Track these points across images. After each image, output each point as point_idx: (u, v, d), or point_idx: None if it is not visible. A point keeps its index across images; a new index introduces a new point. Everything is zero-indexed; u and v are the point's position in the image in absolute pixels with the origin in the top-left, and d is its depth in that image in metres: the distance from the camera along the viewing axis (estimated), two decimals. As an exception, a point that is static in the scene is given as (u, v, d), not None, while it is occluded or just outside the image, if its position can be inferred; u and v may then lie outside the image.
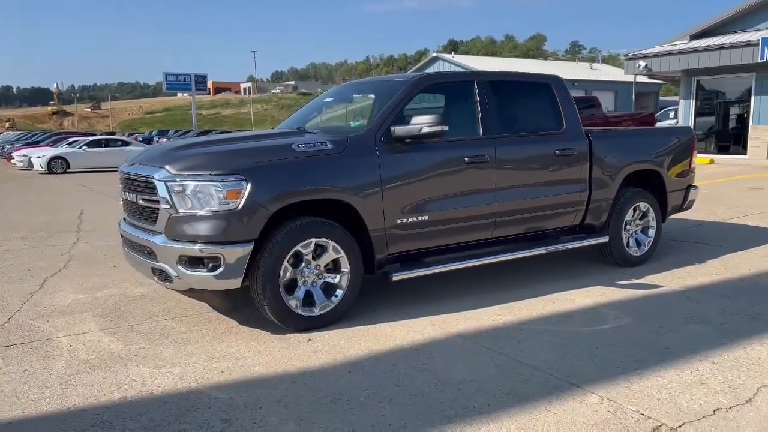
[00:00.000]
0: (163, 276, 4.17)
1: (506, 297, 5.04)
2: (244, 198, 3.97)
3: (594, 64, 53.07)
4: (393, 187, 4.52)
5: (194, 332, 4.32)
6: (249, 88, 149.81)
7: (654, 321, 4.45)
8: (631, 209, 6.06)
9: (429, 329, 4.32)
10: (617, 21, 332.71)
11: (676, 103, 37.89)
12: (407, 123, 4.58)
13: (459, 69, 44.48)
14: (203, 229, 4.00)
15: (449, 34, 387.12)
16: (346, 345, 4.03)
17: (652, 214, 6.25)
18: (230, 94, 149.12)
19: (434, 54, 49.76)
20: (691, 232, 7.76)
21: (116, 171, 5.10)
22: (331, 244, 4.31)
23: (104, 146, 24.84)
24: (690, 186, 6.66)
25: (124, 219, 4.88)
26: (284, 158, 4.22)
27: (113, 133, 55.53)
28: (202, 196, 3.99)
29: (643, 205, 6.16)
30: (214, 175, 3.98)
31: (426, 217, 4.71)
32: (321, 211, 4.36)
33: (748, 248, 6.80)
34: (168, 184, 4.05)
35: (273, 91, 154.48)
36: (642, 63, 18.67)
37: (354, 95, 5.71)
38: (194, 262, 4.03)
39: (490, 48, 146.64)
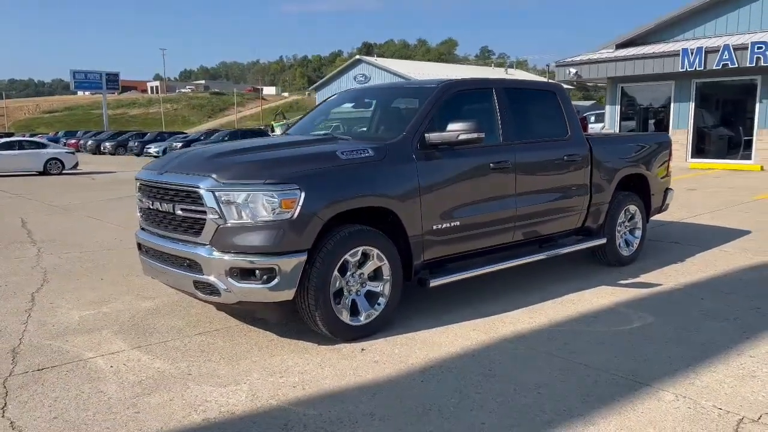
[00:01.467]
0: (209, 289, 3.99)
1: (525, 300, 5.17)
2: (299, 207, 3.87)
3: (509, 69, 55.06)
4: (430, 193, 4.54)
5: (237, 347, 4.16)
6: (156, 87, 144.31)
7: (674, 319, 4.70)
8: (623, 212, 6.38)
9: (473, 334, 4.37)
10: (522, 28, 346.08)
11: (589, 108, 40.00)
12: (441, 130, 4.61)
13: (384, 72, 44.90)
14: (257, 239, 3.86)
15: (363, 36, 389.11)
16: (402, 353, 4.02)
17: (639, 216, 6.61)
18: (136, 93, 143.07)
19: (357, 57, 49.78)
20: (657, 232, 8.24)
21: (32, 176, 4.81)
22: (375, 251, 4.27)
23: (17, 149, 23.15)
24: (668, 188, 7.09)
25: (144, 229, 4.63)
26: (331, 166, 4.15)
27: (12, 134, 51.93)
28: (254, 206, 3.85)
29: (632, 208, 6.50)
30: (269, 184, 3.85)
31: (458, 223, 4.76)
32: (361, 219, 4.32)
33: (715, 246, 7.31)
34: (216, 193, 3.88)
35: (183, 90, 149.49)
36: (572, 70, 19.58)
37: (370, 101, 5.66)
38: (246, 274, 3.88)
39: (404, 51, 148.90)
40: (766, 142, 17.20)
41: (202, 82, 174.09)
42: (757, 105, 17.39)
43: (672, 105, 18.95)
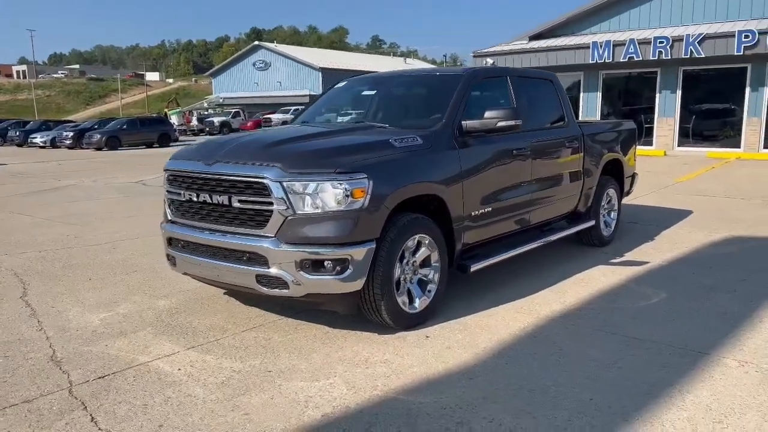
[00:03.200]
0: (275, 283, 3.84)
1: (545, 282, 5.39)
2: (369, 196, 3.82)
3: (408, 59, 56.00)
4: (470, 179, 4.62)
5: (296, 341, 4.05)
6: (24, 71, 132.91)
7: (683, 293, 5.09)
8: (604, 195, 6.78)
9: (518, 316, 4.51)
10: (412, 17, 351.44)
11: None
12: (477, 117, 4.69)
13: (286, 59, 44.18)
14: (328, 230, 3.76)
15: (249, 21, 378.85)
16: (466, 339, 4.08)
17: (615, 199, 7.05)
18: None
19: (257, 42, 48.55)
20: (613, 214, 8.79)
21: None
22: (427, 239, 4.30)
23: None
24: (634, 173, 7.60)
25: (176, 222, 4.36)
26: (389, 154, 4.11)
27: None
28: (325, 196, 3.75)
29: (611, 191, 6.92)
30: (339, 173, 3.76)
31: (489, 209, 4.88)
32: (412, 208, 4.31)
33: (672, 225, 7.93)
34: (285, 184, 3.73)
35: (55, 75, 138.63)
36: (489, 60, 20.27)
37: (387, 88, 5.61)
38: (317, 265, 3.78)
39: (295, 38, 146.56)
40: (666, 130, 18.76)
41: (77, 66, 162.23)
42: (657, 96, 18.90)
43: (581, 95, 20.15)
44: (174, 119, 41.35)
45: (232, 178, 3.91)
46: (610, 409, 3.12)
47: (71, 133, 32.36)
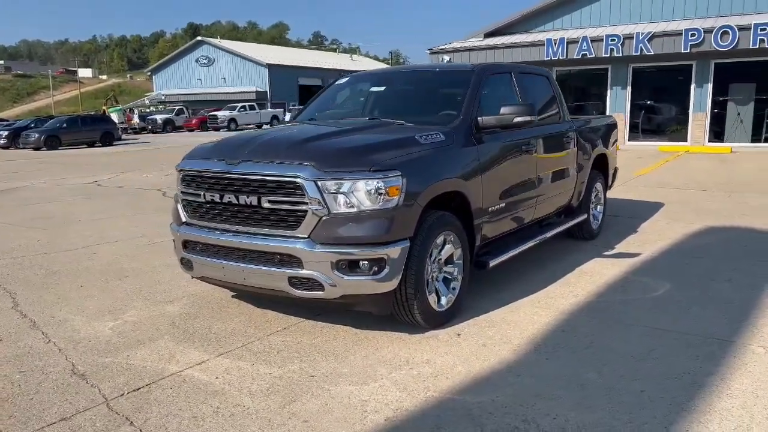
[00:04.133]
0: (309, 285, 3.73)
1: (550, 276, 5.45)
2: (403, 194, 3.76)
3: (354, 56, 55.79)
4: (487, 175, 4.61)
5: (327, 343, 3.95)
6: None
7: (685, 283, 5.23)
8: (593, 189, 6.92)
9: (540, 311, 4.53)
10: (353, 14, 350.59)
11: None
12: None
13: (231, 55, 43.24)
14: (365, 229, 3.68)
15: (185, 17, 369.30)
16: (498, 335, 4.07)
17: (601, 192, 7.21)
18: None
19: (199, 38, 47.37)
20: (589, 207, 9.00)
21: None
22: (452, 236, 4.27)
23: None
24: (616, 168, 7.79)
25: (192, 224, 4.18)
26: (418, 151, 4.06)
27: None
28: (360, 195, 3.67)
29: (598, 185, 7.08)
30: (375, 171, 3.68)
31: (503, 204, 4.90)
32: (437, 205, 4.27)
33: (649, 217, 8.18)
34: (319, 183, 3.63)
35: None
36: (446, 57, 20.42)
37: (393, 85, 5.53)
38: (353, 266, 3.69)
39: (234, 34, 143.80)
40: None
41: (1, 62, 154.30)
42: (609, 92, 19.48)
43: (534, 91, 20.53)
44: (114, 117, 39.86)
45: (261, 177, 3.76)
46: (663, 400, 3.17)
47: (6, 132, 30.83)
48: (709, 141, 18.55)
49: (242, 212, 3.89)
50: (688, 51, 17.13)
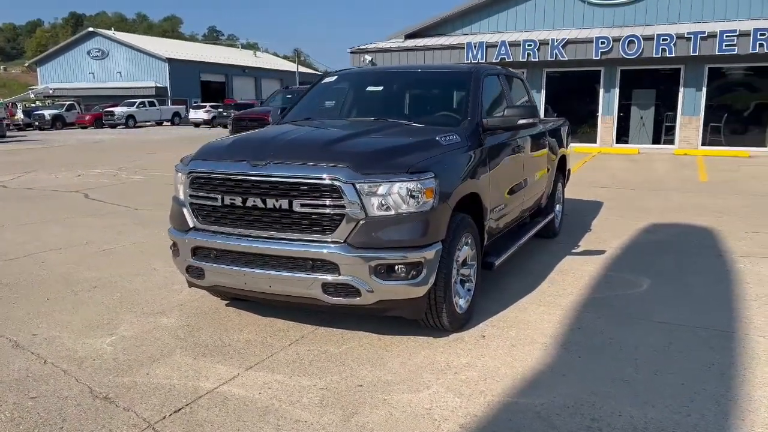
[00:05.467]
0: (345, 292, 3.58)
1: (533, 276, 5.55)
2: (437, 196, 3.70)
3: (258, 53, 54.59)
4: (494, 175, 4.65)
5: (360, 351, 3.81)
6: None
7: (663, 277, 5.50)
8: (557, 187, 7.17)
9: (547, 309, 4.61)
10: (250, 9, 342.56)
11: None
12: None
13: (127, 48, 40.98)
14: (403, 232, 3.59)
15: (67, 5, 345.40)
16: (521, 335, 4.10)
17: (560, 191, 7.47)
18: None
19: (91, 29, 44.51)
20: (536, 206, 9.31)
21: None
22: (470, 238, 4.26)
23: None
24: (569, 168, 8.10)
25: (205, 230, 3.90)
26: (442, 153, 4.01)
27: None
28: (397, 197, 3.57)
29: (559, 185, 7.33)
30: (412, 173, 3.60)
31: (503, 204, 4.95)
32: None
33: (596, 216, 8.57)
34: (358, 185, 3.49)
35: None
36: (368, 57, 20.43)
37: (389, 84, 5.40)
38: (391, 270, 3.59)
39: (123, 26, 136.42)
40: (532, 126, 20.16)
41: None
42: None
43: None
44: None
45: (294, 180, 3.56)
46: (707, 392, 3.31)
47: None
48: (616, 142, 19.76)
49: (269, 216, 3.67)
50: (599, 58, 18.16)
